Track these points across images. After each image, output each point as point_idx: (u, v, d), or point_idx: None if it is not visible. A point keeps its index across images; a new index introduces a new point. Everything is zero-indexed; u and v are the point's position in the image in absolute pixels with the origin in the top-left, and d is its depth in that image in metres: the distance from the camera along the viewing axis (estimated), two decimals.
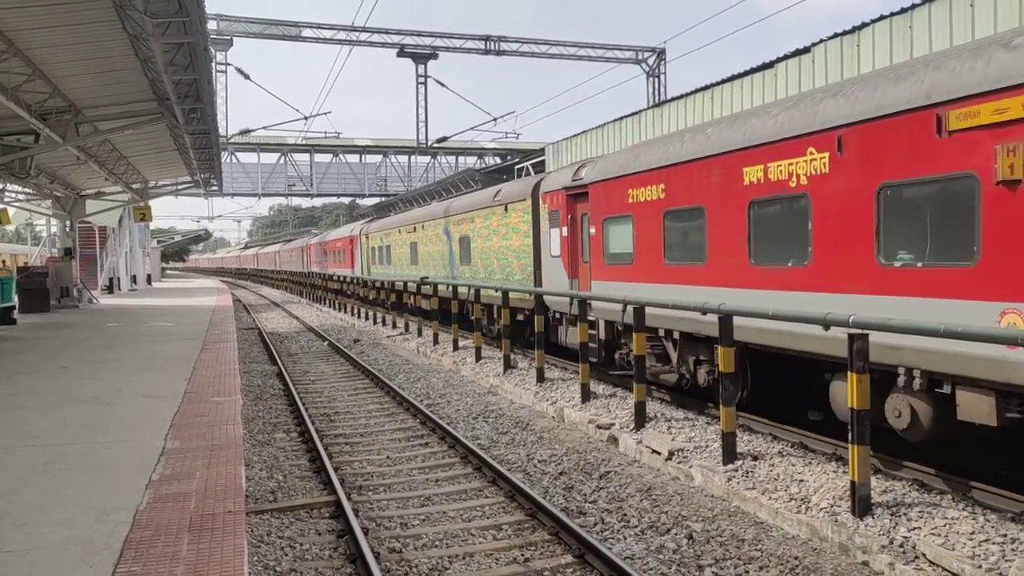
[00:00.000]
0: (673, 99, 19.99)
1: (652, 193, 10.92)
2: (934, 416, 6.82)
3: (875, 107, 7.17)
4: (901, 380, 6.95)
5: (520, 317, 16.35)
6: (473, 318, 16.39)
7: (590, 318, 12.32)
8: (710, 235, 9.63)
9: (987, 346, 5.86)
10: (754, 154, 8.75)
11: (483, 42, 43.52)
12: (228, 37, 40.44)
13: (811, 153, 7.91)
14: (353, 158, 49.13)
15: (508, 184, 18.97)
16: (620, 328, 11.83)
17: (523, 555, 6.21)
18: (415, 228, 25.41)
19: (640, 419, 9.61)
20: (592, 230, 12.88)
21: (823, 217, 7.79)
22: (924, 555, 5.56)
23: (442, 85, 43.41)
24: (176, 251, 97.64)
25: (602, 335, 12.51)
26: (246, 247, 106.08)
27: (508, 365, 14.40)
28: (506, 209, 17.26)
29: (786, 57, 15.59)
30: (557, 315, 14.54)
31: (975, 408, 6.37)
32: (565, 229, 14.15)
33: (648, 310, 10.10)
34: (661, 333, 10.70)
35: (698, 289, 9.82)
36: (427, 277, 22.47)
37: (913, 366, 6.80)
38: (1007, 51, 6.09)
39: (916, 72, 6.91)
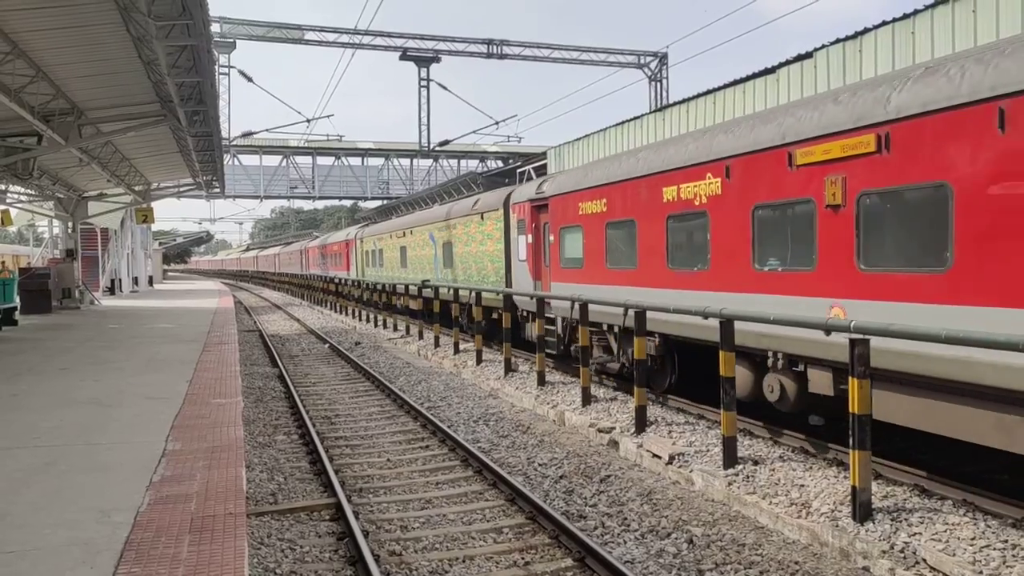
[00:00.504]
0: (675, 103, 19.97)
1: (597, 207, 12.58)
2: (796, 389, 8.39)
3: (750, 143, 8.84)
4: (770, 362, 8.55)
5: (494, 315, 17.59)
6: (476, 321, 16.44)
7: (549, 315, 14.17)
8: (639, 244, 11.26)
9: (822, 333, 7.18)
10: (670, 176, 10.43)
11: (485, 45, 43.56)
12: (231, 40, 40.49)
13: (709, 178, 9.60)
14: (355, 161, 49.09)
15: (484, 195, 20.40)
16: (574, 324, 13.26)
17: (523, 558, 6.21)
18: (404, 233, 26.91)
19: (641, 423, 9.61)
20: (551, 238, 14.55)
21: (717, 230, 9.46)
22: (925, 560, 5.56)
23: (444, 88, 43.44)
24: (178, 253, 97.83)
25: (559, 330, 14.14)
26: (247, 249, 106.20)
27: (509, 368, 14.40)
28: (482, 218, 18.88)
29: (788, 62, 15.58)
30: (524, 313, 16.07)
31: (819, 381, 7.95)
32: (530, 236, 15.76)
33: (591, 307, 11.62)
34: (605, 328, 12.30)
35: (631, 289, 11.37)
36: (428, 280, 22.67)
37: (778, 350, 8.38)
38: (834, 104, 7.74)
39: (778, 117, 8.62)
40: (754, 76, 16.60)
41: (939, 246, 6.52)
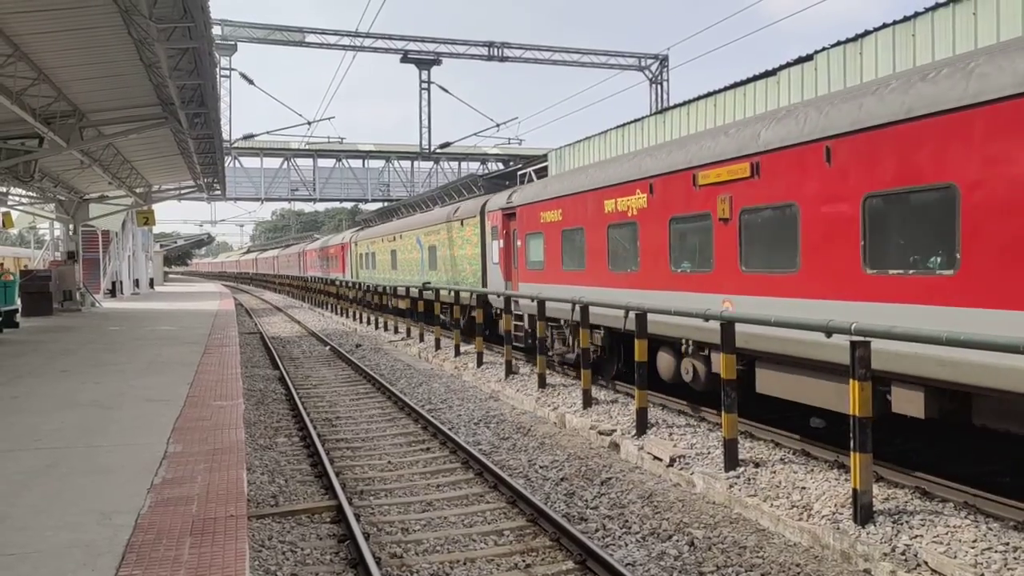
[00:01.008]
0: (676, 106, 19.97)
1: (554, 216, 14.12)
2: (705, 371, 9.82)
3: (668, 165, 10.41)
4: (683, 348, 10.00)
5: (472, 314, 18.56)
6: (478, 322, 16.46)
7: (518, 312, 15.87)
8: (587, 248, 12.76)
9: (719, 324, 8.38)
10: (610, 191, 11.96)
11: (486, 48, 43.60)
12: (232, 42, 40.50)
13: (638, 193, 11.14)
14: (356, 163, 49.11)
15: (464, 203, 21.80)
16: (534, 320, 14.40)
17: (524, 561, 6.21)
18: (395, 237, 28.40)
19: (642, 425, 9.60)
20: (518, 243, 16.05)
21: (644, 238, 10.98)
22: (926, 563, 5.55)
23: (445, 91, 43.47)
24: (179, 255, 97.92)
25: (527, 326, 15.56)
26: (247, 252, 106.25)
27: (510, 371, 14.41)
28: (462, 224, 20.38)
29: (789, 65, 15.57)
30: (497, 311, 17.18)
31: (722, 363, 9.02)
32: (502, 241, 17.32)
33: (548, 305, 13.00)
34: (563, 323, 13.75)
35: (581, 288, 12.75)
36: (429, 282, 22.73)
37: (688, 338, 9.79)
38: (725, 136, 9.37)
39: (688, 144, 10.27)
40: (755, 78, 16.59)
41: (792, 252, 8.13)
